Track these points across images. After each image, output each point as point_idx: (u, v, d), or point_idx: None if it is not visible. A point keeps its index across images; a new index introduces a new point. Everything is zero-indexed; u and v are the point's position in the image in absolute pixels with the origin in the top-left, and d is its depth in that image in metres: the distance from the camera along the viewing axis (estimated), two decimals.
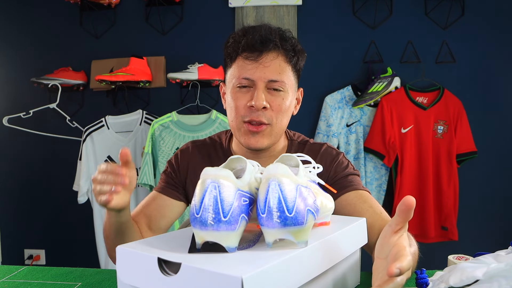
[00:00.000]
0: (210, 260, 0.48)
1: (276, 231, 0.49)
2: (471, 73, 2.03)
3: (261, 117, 0.87)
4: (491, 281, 0.49)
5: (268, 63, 0.87)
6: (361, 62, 2.07)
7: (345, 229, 0.63)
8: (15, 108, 2.20)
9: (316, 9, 2.09)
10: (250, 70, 0.87)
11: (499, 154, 2.04)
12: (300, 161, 0.59)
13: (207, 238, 0.50)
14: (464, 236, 1.96)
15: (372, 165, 2.04)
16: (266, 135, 0.90)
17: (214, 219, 0.49)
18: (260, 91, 0.87)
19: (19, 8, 2.25)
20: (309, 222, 0.50)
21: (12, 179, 2.30)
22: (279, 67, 0.88)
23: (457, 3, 1.98)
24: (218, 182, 0.50)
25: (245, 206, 0.52)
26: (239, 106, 0.89)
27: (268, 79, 0.87)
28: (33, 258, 2.27)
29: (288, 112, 0.93)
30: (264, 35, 0.87)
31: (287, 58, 0.89)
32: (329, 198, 0.66)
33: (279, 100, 0.89)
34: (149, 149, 1.89)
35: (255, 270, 0.43)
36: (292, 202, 0.48)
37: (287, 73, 0.89)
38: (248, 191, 0.54)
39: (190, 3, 2.15)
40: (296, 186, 0.50)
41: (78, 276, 0.86)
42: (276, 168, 0.50)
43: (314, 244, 0.54)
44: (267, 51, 0.87)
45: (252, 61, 0.87)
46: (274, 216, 0.48)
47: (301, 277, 0.51)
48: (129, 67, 2.02)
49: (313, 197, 0.52)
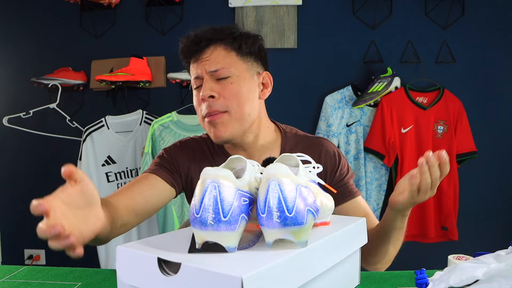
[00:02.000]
0: (209, 260, 0.48)
1: (276, 231, 0.49)
2: (471, 73, 2.03)
3: (214, 106, 0.90)
4: (491, 281, 0.49)
5: (207, 57, 0.92)
6: (361, 62, 2.07)
7: (345, 229, 0.63)
8: (15, 108, 2.20)
9: (316, 9, 2.09)
10: (195, 69, 0.93)
11: (499, 154, 2.04)
12: (300, 161, 0.59)
13: (207, 238, 0.50)
14: (464, 236, 1.96)
15: (372, 165, 2.04)
16: (226, 123, 0.91)
17: (214, 219, 0.49)
18: (205, 83, 0.91)
19: (19, 8, 2.25)
20: (309, 222, 0.50)
21: (12, 179, 2.30)
22: (219, 57, 0.91)
23: (457, 3, 1.98)
24: (218, 182, 0.50)
25: (245, 206, 0.52)
26: (197, 105, 0.95)
27: (209, 70, 0.91)
28: (33, 258, 2.27)
29: (248, 98, 0.93)
30: (193, 37, 0.94)
31: (226, 46, 0.92)
32: (329, 198, 0.66)
33: (229, 87, 0.91)
34: (149, 149, 1.89)
35: (255, 270, 0.43)
36: (292, 202, 0.48)
37: (230, 59, 0.92)
38: (248, 191, 0.54)
39: (190, 3, 2.15)
40: (296, 186, 0.50)
41: (78, 276, 0.86)
42: (276, 168, 0.50)
43: (314, 244, 0.54)
44: (202, 49, 0.92)
45: (195, 62, 0.94)
46: (274, 216, 0.48)
47: (301, 277, 0.51)
48: (129, 67, 2.02)
49: (313, 197, 0.53)
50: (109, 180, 2.01)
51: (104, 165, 2.01)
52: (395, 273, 0.86)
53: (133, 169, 2.04)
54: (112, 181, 2.02)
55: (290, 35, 2.08)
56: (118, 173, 2.02)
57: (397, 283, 0.81)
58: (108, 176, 2.01)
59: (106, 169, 2.01)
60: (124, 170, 2.03)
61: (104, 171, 2.01)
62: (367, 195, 2.02)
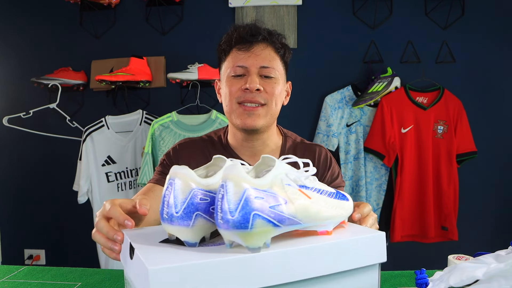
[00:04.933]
0: (159, 250, 0.52)
1: (225, 232, 0.49)
2: (471, 73, 2.03)
3: (257, 97, 0.95)
4: (491, 281, 0.49)
5: (259, 52, 0.96)
6: (361, 62, 2.07)
7: (341, 241, 0.56)
8: (15, 108, 2.20)
9: (316, 9, 2.09)
10: (243, 59, 0.96)
11: (499, 154, 2.04)
12: (278, 163, 0.55)
13: (168, 231, 0.54)
14: (464, 236, 1.96)
15: (372, 165, 2.04)
16: (262, 115, 0.96)
17: (168, 213, 0.53)
18: (253, 76, 0.95)
19: (19, 8, 2.25)
20: (256, 227, 0.48)
21: (12, 179, 2.30)
22: (269, 56, 0.97)
23: (457, 3, 1.98)
24: (174, 179, 0.53)
25: (204, 205, 0.53)
26: (233, 91, 0.97)
27: (260, 65, 0.96)
28: (33, 258, 2.27)
29: (280, 98, 1.01)
30: (253, 29, 0.98)
31: (276, 49, 0.99)
32: (330, 206, 0.59)
33: (272, 85, 0.97)
34: (149, 149, 1.89)
35: (168, 264, 0.45)
36: (235, 205, 0.47)
37: (277, 62, 0.99)
38: (214, 190, 0.55)
39: (190, 3, 2.15)
40: (245, 189, 0.48)
41: (78, 276, 0.86)
42: (230, 169, 0.49)
43: (277, 251, 0.50)
44: (257, 42, 0.97)
45: (245, 51, 0.97)
46: (219, 217, 0.49)
47: (237, 283, 0.48)
48: (129, 67, 2.02)
49: (273, 202, 0.50)
50: (109, 180, 2.01)
51: (104, 165, 2.01)
52: (395, 273, 0.86)
53: (133, 169, 2.04)
54: (112, 181, 2.02)
55: (290, 35, 2.09)
56: (118, 173, 2.02)
57: (397, 283, 0.81)
58: (108, 176, 2.01)
59: (106, 169, 2.01)
60: (124, 170, 2.03)
61: (104, 171, 2.01)
62: (367, 195, 2.02)
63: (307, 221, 0.55)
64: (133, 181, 2.04)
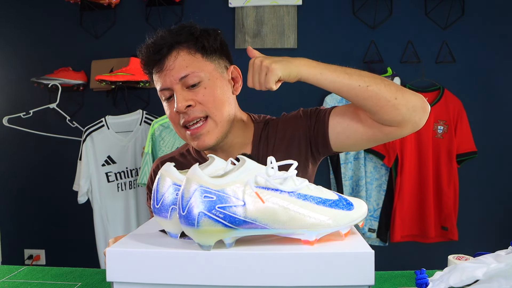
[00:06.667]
0: (146, 236, 0.58)
1: (182, 227, 0.52)
2: (471, 73, 2.03)
3: (193, 114, 0.87)
4: (491, 281, 0.49)
5: (171, 65, 0.86)
6: (361, 62, 2.07)
7: (309, 253, 0.50)
8: (15, 108, 2.20)
9: (316, 9, 2.09)
10: (161, 80, 0.88)
11: (499, 154, 2.04)
12: (248, 165, 0.52)
13: (157, 220, 0.59)
14: (464, 236, 1.96)
15: (372, 165, 2.04)
16: (211, 130, 0.88)
17: (152, 205, 0.58)
18: (178, 94, 0.86)
19: (19, 8, 2.25)
20: (203, 226, 0.49)
21: (12, 179, 2.30)
22: (184, 62, 0.86)
23: (457, 3, 1.98)
24: (160, 175, 0.58)
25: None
26: (172, 116, 0.91)
27: (179, 78, 0.86)
28: (33, 258, 2.27)
29: (224, 99, 0.90)
30: (152, 45, 0.87)
31: (189, 49, 0.88)
32: (313, 213, 0.52)
33: (201, 91, 0.87)
34: (149, 149, 1.89)
35: (125, 248, 0.51)
36: (186, 201, 0.50)
37: (196, 62, 0.87)
38: None
39: (190, 3, 2.15)
40: (197, 187, 0.49)
41: (78, 276, 0.86)
42: (192, 168, 0.51)
43: (222, 252, 0.50)
44: (165, 56, 0.87)
45: (160, 71, 0.88)
46: (177, 211, 0.53)
47: (182, 277, 0.50)
48: (129, 67, 2.02)
49: (224, 203, 0.49)
50: (109, 180, 2.01)
51: (104, 165, 2.01)
52: (395, 273, 0.86)
53: (133, 169, 2.04)
54: (112, 181, 2.02)
55: (290, 35, 2.09)
56: (118, 173, 2.02)
57: (397, 283, 0.81)
58: (108, 176, 2.01)
59: (106, 169, 2.01)
60: (124, 170, 2.03)
61: (104, 171, 2.01)
62: (367, 195, 2.02)
63: (278, 227, 0.51)
64: (133, 181, 2.04)
